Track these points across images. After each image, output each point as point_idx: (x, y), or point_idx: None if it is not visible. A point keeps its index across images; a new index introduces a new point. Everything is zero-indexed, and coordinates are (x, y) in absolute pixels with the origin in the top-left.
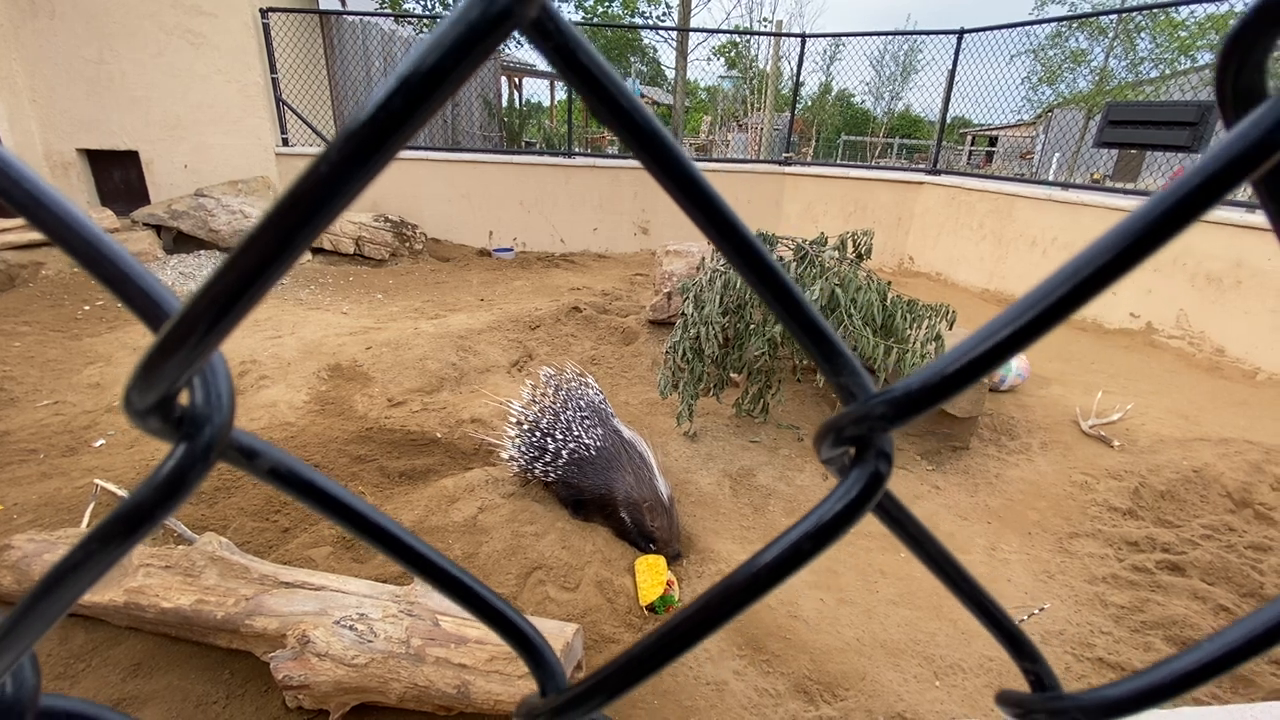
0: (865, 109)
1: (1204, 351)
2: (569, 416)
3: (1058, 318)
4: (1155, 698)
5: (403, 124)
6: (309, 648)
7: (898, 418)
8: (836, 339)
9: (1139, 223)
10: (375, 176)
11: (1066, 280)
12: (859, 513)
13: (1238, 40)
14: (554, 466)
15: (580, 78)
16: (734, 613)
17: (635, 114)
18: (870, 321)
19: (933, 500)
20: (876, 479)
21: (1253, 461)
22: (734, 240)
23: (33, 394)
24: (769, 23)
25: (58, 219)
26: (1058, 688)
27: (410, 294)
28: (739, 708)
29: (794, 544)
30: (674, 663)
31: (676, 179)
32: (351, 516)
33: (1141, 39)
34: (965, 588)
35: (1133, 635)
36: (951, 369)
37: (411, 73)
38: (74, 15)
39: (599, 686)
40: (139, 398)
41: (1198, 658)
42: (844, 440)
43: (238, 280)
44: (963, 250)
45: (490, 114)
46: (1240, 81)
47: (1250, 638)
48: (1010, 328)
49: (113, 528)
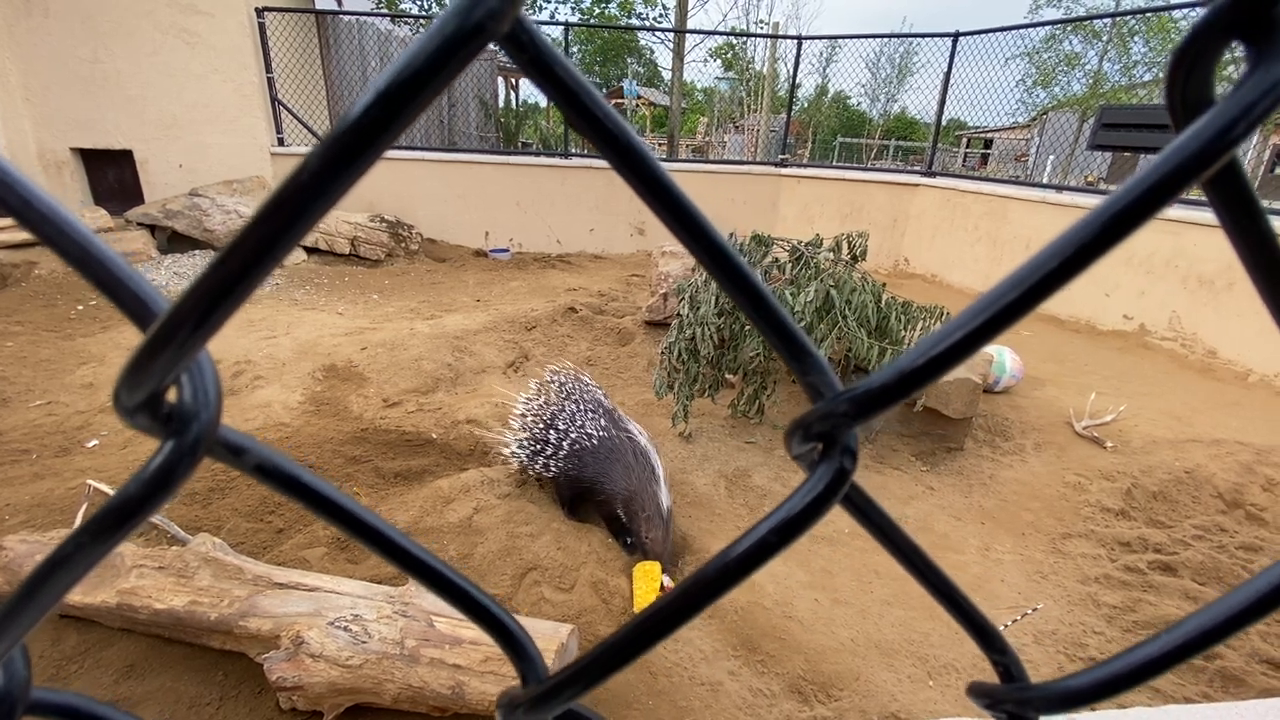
0: (861, 111)
1: (1196, 353)
2: (571, 410)
3: (1011, 318)
4: (1116, 687)
5: (382, 132)
6: (303, 649)
7: (861, 414)
8: (804, 338)
9: (1094, 222)
10: (356, 181)
11: (1017, 283)
12: (824, 507)
13: (1186, 51)
14: (554, 459)
15: (556, 89)
16: (706, 602)
17: (609, 124)
18: (865, 323)
19: (927, 501)
20: (841, 474)
21: (1244, 462)
22: (706, 244)
23: (25, 394)
24: (765, 25)
25: (47, 220)
26: (1025, 678)
27: (406, 294)
28: (734, 708)
29: (761, 538)
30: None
31: (651, 187)
32: (335, 511)
33: (1135, 42)
34: (934, 580)
35: (1125, 635)
36: (911, 367)
37: (390, 83)
38: (69, 13)
39: (579, 675)
40: (128, 395)
41: (1155, 648)
42: (811, 436)
43: (223, 281)
44: (958, 252)
45: (486, 114)
46: (1189, 90)
47: (1205, 629)
48: (965, 328)
49: (103, 522)
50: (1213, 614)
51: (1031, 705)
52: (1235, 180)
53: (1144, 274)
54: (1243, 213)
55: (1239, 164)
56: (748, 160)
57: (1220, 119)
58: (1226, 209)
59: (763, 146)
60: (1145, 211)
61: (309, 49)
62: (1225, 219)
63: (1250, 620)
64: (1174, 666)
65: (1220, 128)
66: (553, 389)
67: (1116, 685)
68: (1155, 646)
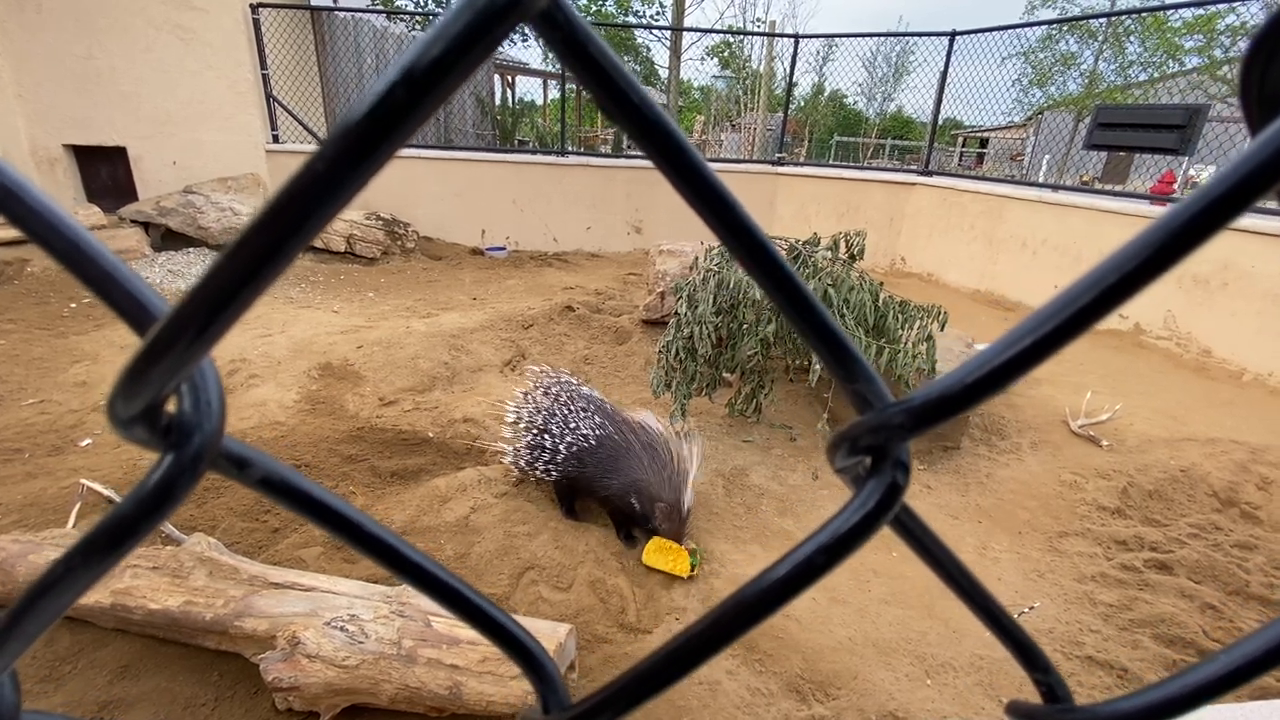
0: (858, 110)
1: (1191, 352)
2: (563, 414)
3: (1080, 327)
4: (1169, 710)
5: (405, 118)
6: (299, 649)
7: (917, 427)
8: (851, 345)
9: (1164, 230)
10: (374, 174)
11: (1089, 289)
12: (876, 525)
13: (1266, 39)
14: (554, 464)
15: (590, 72)
16: (745, 628)
17: (647, 111)
18: (863, 322)
19: (924, 500)
20: (894, 490)
21: (1239, 461)
22: (747, 243)
23: (18, 393)
24: (762, 23)
25: (39, 218)
26: (1069, 699)
27: (402, 292)
28: (732, 707)
29: (808, 558)
30: (683, 679)
31: (689, 180)
32: (346, 526)
33: (1130, 43)
34: (979, 600)
35: (1121, 633)
36: (973, 378)
37: (415, 62)
38: (62, 9)
39: (605, 704)
40: (124, 406)
41: (1213, 670)
42: (859, 450)
43: (229, 283)
44: (954, 251)
45: (483, 112)
46: (1267, 84)
47: (1268, 649)
48: (1031, 336)
49: (96, 542)
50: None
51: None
52: None
53: None
54: None
55: None
56: (745, 159)
57: None
58: None
59: (759, 145)
60: (1224, 216)
61: (304, 46)
62: None
63: None
64: (1233, 690)
65: None
66: (539, 395)
67: (1170, 709)
68: (1213, 668)
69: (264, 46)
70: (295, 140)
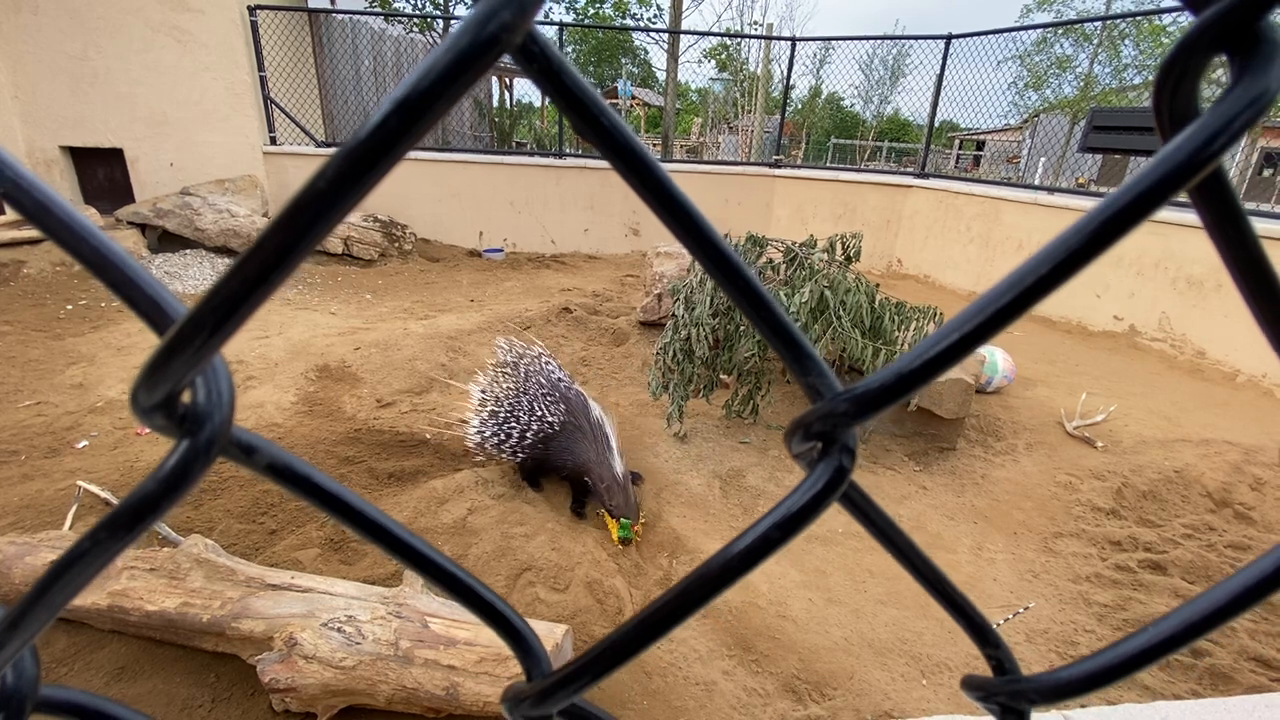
0: (855, 112)
1: (1185, 354)
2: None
3: (1006, 320)
4: (1106, 678)
5: (398, 142)
6: (296, 650)
7: (860, 414)
8: (804, 340)
9: (1086, 227)
10: (372, 188)
11: (1011, 286)
12: (824, 504)
13: (1173, 64)
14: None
15: (564, 98)
16: (708, 598)
17: (616, 132)
18: (859, 323)
19: (920, 500)
20: (840, 473)
21: (1232, 462)
22: (709, 249)
23: (14, 394)
24: (759, 26)
25: (69, 230)
26: (1017, 671)
27: (399, 294)
28: (728, 707)
29: (764, 533)
30: (653, 646)
31: (655, 192)
32: (345, 510)
33: (1125, 46)
34: (930, 576)
35: (1115, 633)
36: (909, 368)
37: (408, 95)
38: (58, 11)
39: (583, 669)
40: (146, 395)
41: (1143, 640)
42: (811, 435)
43: (241, 287)
44: (950, 253)
45: (481, 114)
46: (1175, 101)
47: (1190, 622)
48: (962, 330)
49: (120, 517)
50: (1198, 608)
51: (1024, 697)
52: (1219, 187)
53: (1134, 275)
54: (1226, 218)
55: (1223, 172)
56: (742, 161)
57: (1204, 131)
58: (1211, 214)
59: (757, 147)
60: (1134, 217)
61: (302, 47)
62: (1210, 223)
63: (1233, 613)
64: (1162, 659)
65: (1204, 139)
66: (503, 378)
67: (1107, 676)
68: (1143, 639)
69: (261, 48)
70: (292, 142)
